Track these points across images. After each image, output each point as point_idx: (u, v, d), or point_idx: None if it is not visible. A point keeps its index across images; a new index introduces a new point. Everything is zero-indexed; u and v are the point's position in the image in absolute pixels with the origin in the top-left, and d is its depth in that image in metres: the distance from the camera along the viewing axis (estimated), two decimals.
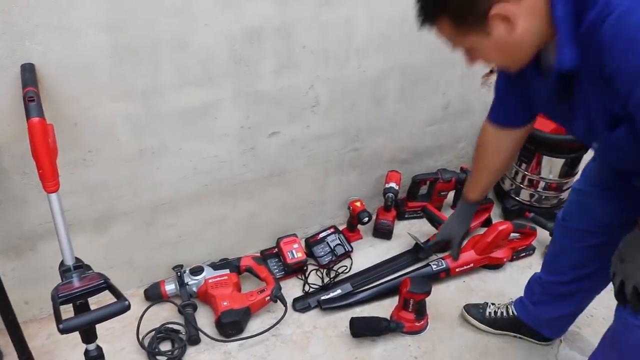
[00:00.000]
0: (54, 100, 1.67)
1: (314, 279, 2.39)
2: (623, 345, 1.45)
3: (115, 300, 1.43)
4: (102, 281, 1.49)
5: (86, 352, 1.59)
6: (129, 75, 1.74)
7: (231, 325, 2.05)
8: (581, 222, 1.69)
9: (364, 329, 2.11)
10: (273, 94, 2.03)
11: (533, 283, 1.99)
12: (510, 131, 1.65)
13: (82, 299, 1.50)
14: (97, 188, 1.93)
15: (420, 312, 2.10)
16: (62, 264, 1.56)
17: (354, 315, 2.14)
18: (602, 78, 1.06)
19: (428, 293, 2.04)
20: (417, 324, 2.11)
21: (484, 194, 1.86)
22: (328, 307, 2.22)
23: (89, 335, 1.56)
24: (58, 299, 1.43)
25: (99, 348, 1.60)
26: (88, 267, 1.58)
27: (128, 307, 1.41)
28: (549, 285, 1.89)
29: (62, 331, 1.34)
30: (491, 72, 2.57)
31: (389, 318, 2.13)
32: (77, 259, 1.58)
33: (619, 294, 1.37)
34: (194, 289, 2.19)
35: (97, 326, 2.00)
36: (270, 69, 1.96)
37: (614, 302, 1.41)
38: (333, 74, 2.11)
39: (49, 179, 1.47)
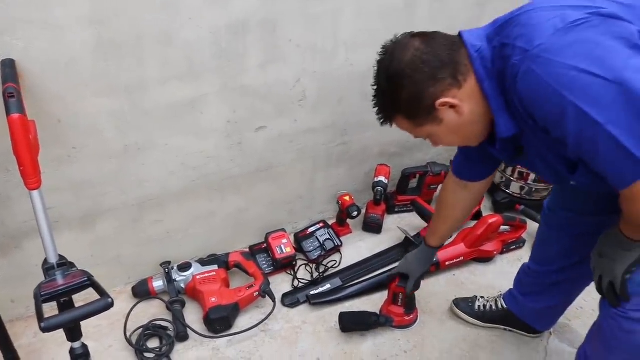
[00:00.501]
0: (37, 97, 1.64)
1: (304, 274, 2.38)
2: (607, 336, 1.47)
3: (98, 297, 1.41)
4: (85, 278, 1.47)
5: (71, 351, 1.58)
6: (112, 71, 1.71)
7: (219, 321, 2.03)
8: (567, 210, 1.70)
9: (353, 324, 2.10)
10: (259, 89, 2.01)
11: (522, 274, 2.00)
12: (472, 184, 1.72)
13: (65, 296, 1.48)
14: (82, 185, 1.91)
15: (410, 306, 2.09)
16: (45, 261, 1.55)
17: (344, 310, 2.14)
18: (541, 129, 1.19)
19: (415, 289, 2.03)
20: (406, 318, 2.10)
21: (443, 241, 1.94)
22: (317, 302, 2.21)
23: (73, 333, 1.55)
24: (41, 297, 1.41)
25: (84, 346, 1.59)
26: (72, 265, 1.57)
27: (111, 305, 1.39)
28: (537, 274, 1.90)
29: (44, 330, 1.33)
30: None
31: (378, 312, 2.13)
32: (61, 257, 1.56)
33: (599, 288, 1.41)
34: (182, 285, 2.18)
35: (84, 324, 1.99)
36: (256, 63, 1.94)
37: None
38: (320, 68, 2.10)
39: (31, 176, 1.45)
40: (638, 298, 1.35)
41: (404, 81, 1.25)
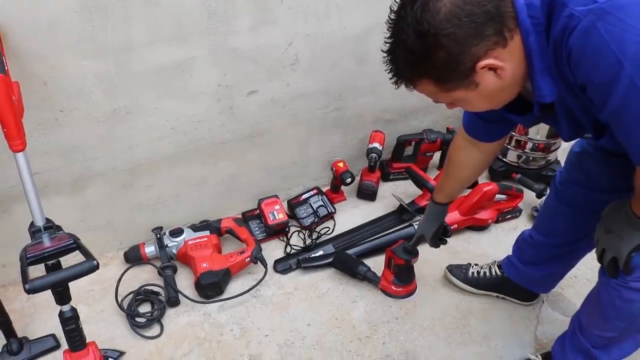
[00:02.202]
0: (20, 58, 1.62)
1: (296, 240, 2.37)
2: (605, 304, 1.46)
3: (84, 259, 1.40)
4: (71, 241, 1.46)
5: (60, 314, 1.57)
6: (98, 32, 1.68)
7: (210, 287, 2.03)
8: (581, 186, 1.64)
9: (342, 264, 2.15)
10: (250, 51, 1.98)
11: (523, 243, 1.96)
12: (483, 144, 1.61)
13: (52, 259, 1.48)
14: (71, 149, 1.89)
15: (400, 277, 2.08)
16: (32, 224, 1.54)
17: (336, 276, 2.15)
18: (579, 87, 1.07)
19: (405, 261, 2.01)
20: (393, 287, 2.09)
21: (451, 199, 1.84)
22: (307, 265, 2.21)
23: (62, 296, 1.54)
24: (26, 260, 1.41)
25: (73, 309, 1.58)
26: (59, 228, 1.56)
27: (96, 267, 1.38)
28: (540, 245, 1.86)
29: (29, 291, 1.32)
30: None
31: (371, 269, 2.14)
32: (48, 220, 1.55)
33: (601, 260, 1.39)
34: (174, 251, 2.18)
35: (76, 289, 2.01)
36: (247, 25, 1.91)
37: (597, 264, 1.43)
38: (313, 30, 2.06)
39: (14, 138, 1.44)
40: (639, 270, 1.34)
41: (442, 39, 1.03)
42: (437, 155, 2.73)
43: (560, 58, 1.05)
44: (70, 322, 1.58)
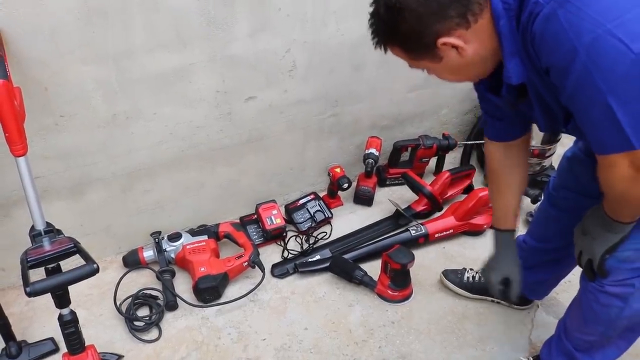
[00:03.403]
0: (22, 64, 1.64)
1: (294, 245, 2.39)
2: (585, 308, 1.50)
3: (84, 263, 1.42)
4: (71, 245, 1.48)
5: (60, 317, 1.58)
6: (99, 38, 1.70)
7: (208, 291, 2.05)
8: (573, 191, 1.65)
9: (339, 269, 2.16)
10: (249, 58, 2.00)
11: (518, 248, 1.95)
12: (512, 143, 1.57)
13: (52, 263, 1.49)
14: (71, 154, 1.91)
15: (396, 281, 2.09)
16: (32, 228, 1.56)
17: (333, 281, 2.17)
18: (544, 70, 1.13)
19: (402, 265, 2.03)
20: (389, 291, 2.10)
21: (516, 219, 1.65)
22: (304, 270, 2.22)
23: (61, 300, 1.55)
24: (27, 263, 1.42)
25: (72, 313, 1.60)
26: (59, 232, 1.58)
27: (96, 270, 1.40)
28: (533, 250, 1.87)
29: (29, 294, 1.34)
30: None
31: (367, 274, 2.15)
32: (48, 224, 1.57)
33: (579, 262, 1.42)
34: (172, 255, 2.19)
35: (75, 293, 2.02)
36: (245, 32, 1.93)
37: None
38: (311, 37, 2.08)
39: (16, 143, 1.45)
40: (616, 273, 1.36)
41: (405, 14, 1.12)
42: (433, 161, 2.75)
43: (527, 42, 1.11)
44: (70, 326, 1.59)
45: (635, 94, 1.02)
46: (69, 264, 1.49)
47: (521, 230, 2.43)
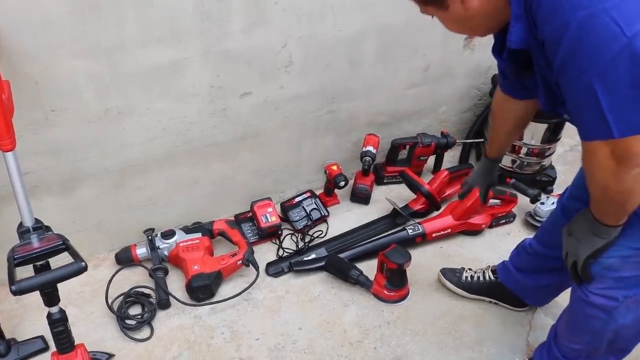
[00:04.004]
0: (12, 57, 1.61)
1: (289, 243, 2.36)
2: (572, 317, 1.53)
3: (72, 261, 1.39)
4: (60, 242, 1.45)
5: (49, 315, 1.55)
6: (91, 32, 1.67)
7: (201, 289, 2.02)
8: (584, 203, 1.59)
9: (334, 268, 2.14)
10: (244, 53, 1.97)
11: (522, 250, 1.94)
12: (516, 101, 1.60)
13: (40, 260, 1.46)
14: (62, 149, 1.88)
15: (392, 281, 2.06)
16: (20, 225, 1.53)
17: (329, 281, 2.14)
18: (540, 42, 1.11)
19: (398, 265, 2.00)
20: (385, 291, 2.08)
21: (501, 153, 1.85)
22: (300, 269, 2.19)
23: (50, 297, 1.52)
24: (14, 261, 1.39)
25: (62, 311, 1.56)
26: (48, 228, 1.55)
27: (84, 269, 1.37)
28: (539, 256, 1.84)
29: (15, 292, 1.32)
30: None
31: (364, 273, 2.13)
32: (37, 220, 1.54)
33: (565, 264, 1.41)
34: (165, 252, 2.17)
35: (67, 291, 2.00)
36: (240, 26, 1.90)
37: None
38: (307, 32, 2.05)
39: (4, 137, 1.43)
40: (601, 281, 1.36)
41: None
42: (431, 159, 2.72)
43: (529, 9, 1.09)
44: (59, 324, 1.56)
45: (622, 79, 0.99)
46: (61, 261, 1.45)
47: (521, 230, 2.44)
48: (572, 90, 1.09)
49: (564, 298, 2.07)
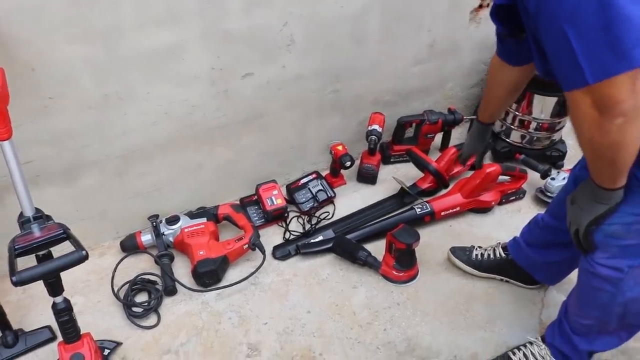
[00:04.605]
0: (6, 43, 1.57)
1: (295, 226, 2.33)
2: (581, 291, 1.53)
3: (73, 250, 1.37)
4: (61, 231, 1.43)
5: (53, 305, 1.54)
6: (86, 15, 1.63)
7: (208, 275, 2.00)
8: None
9: (342, 249, 2.12)
10: (244, 33, 1.92)
11: (533, 224, 1.92)
12: (511, 67, 1.59)
13: (41, 250, 1.45)
14: (62, 137, 1.85)
15: (401, 262, 2.04)
16: (21, 215, 1.51)
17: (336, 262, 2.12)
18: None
19: (407, 245, 1.97)
20: (394, 272, 2.05)
21: (492, 119, 1.85)
22: (307, 251, 2.17)
23: (54, 287, 1.51)
24: (15, 251, 1.37)
25: (66, 300, 1.56)
26: (48, 218, 1.53)
27: (85, 257, 1.35)
28: (550, 229, 1.81)
29: (15, 283, 1.30)
30: (480, 6, 2.44)
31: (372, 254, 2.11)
32: (37, 210, 1.52)
33: (570, 233, 1.40)
34: (171, 238, 2.14)
35: (73, 279, 2.00)
36: (239, 5, 1.85)
37: None
38: (308, 9, 2.00)
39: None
40: (605, 250, 1.35)
41: None
42: (438, 137, 2.68)
43: None
44: (64, 314, 1.56)
45: (591, 22, 0.97)
46: (65, 251, 1.43)
47: (531, 207, 2.41)
48: (548, 38, 1.07)
49: (576, 274, 2.06)
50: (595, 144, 1.11)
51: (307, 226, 2.31)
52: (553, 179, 2.41)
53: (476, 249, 2.11)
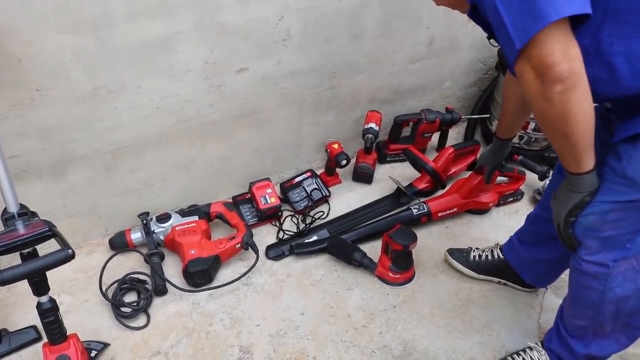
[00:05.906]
0: None
1: (289, 225, 2.29)
2: (572, 290, 1.53)
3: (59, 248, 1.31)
4: (46, 228, 1.37)
5: (38, 305, 1.50)
6: (74, 4, 1.58)
7: (199, 275, 1.95)
8: None
9: (337, 250, 2.10)
10: (239, 26, 1.88)
11: (526, 221, 1.91)
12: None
13: (26, 248, 1.39)
14: (50, 131, 1.80)
15: (397, 263, 2.00)
16: (4, 211, 1.45)
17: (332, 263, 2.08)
18: None
19: (404, 246, 1.94)
20: (390, 273, 2.02)
21: (509, 134, 1.90)
22: (301, 251, 2.13)
23: (39, 287, 1.47)
24: None
25: (52, 300, 1.51)
26: (34, 214, 1.48)
27: (71, 256, 1.30)
28: (539, 220, 1.80)
29: None
30: None
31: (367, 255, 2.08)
32: (22, 206, 1.46)
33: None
34: (161, 237, 2.10)
35: (60, 278, 1.95)
36: None
37: None
38: (305, 3, 1.96)
39: None
40: (588, 246, 1.35)
41: None
42: (435, 136, 2.65)
43: None
44: (49, 314, 1.51)
45: None
46: (53, 248, 1.38)
47: (529, 209, 2.37)
48: (489, 16, 1.10)
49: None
50: (545, 116, 1.13)
51: (302, 226, 2.27)
52: None
53: (474, 250, 2.08)
